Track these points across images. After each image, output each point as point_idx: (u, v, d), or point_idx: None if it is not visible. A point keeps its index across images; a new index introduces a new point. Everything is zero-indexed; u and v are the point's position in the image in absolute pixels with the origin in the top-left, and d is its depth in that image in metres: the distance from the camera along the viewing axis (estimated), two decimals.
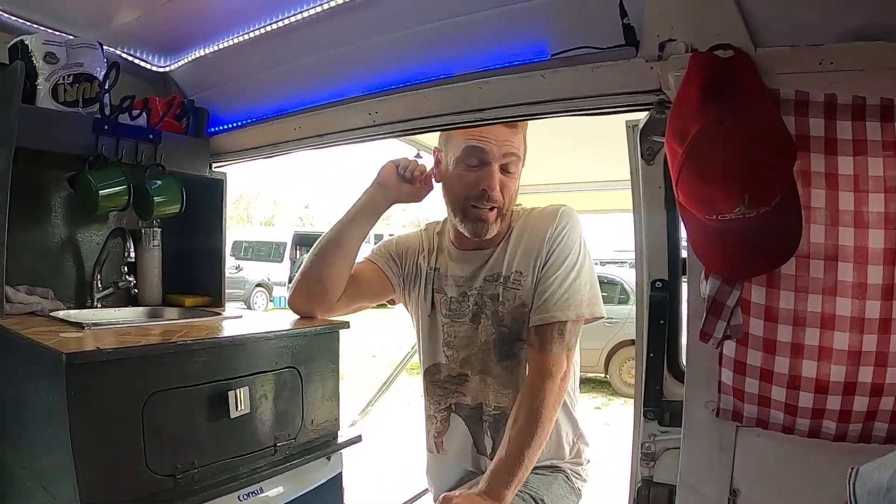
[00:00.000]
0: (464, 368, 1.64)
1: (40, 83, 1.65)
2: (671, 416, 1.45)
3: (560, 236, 1.55)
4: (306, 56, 1.75)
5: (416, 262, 1.74)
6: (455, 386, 1.66)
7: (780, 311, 1.12)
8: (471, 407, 1.65)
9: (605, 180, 3.20)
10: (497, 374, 1.60)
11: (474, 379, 1.63)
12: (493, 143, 1.51)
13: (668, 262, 1.44)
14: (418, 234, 1.79)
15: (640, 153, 1.40)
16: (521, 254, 1.58)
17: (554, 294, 1.52)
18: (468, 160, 1.53)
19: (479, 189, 1.52)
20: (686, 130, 1.02)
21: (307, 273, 1.66)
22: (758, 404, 1.17)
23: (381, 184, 1.67)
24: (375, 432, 4.20)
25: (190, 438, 1.33)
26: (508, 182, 1.55)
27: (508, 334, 1.58)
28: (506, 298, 1.58)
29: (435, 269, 1.70)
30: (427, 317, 1.70)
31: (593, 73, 1.28)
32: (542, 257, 1.55)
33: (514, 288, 1.57)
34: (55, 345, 1.21)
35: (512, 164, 1.55)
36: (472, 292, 1.63)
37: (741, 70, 1.09)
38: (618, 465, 1.99)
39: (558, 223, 1.56)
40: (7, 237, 1.58)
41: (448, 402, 1.68)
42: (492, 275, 1.61)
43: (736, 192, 0.99)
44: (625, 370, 7.85)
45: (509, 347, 1.59)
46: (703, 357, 1.21)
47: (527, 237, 1.59)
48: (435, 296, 1.69)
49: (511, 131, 1.52)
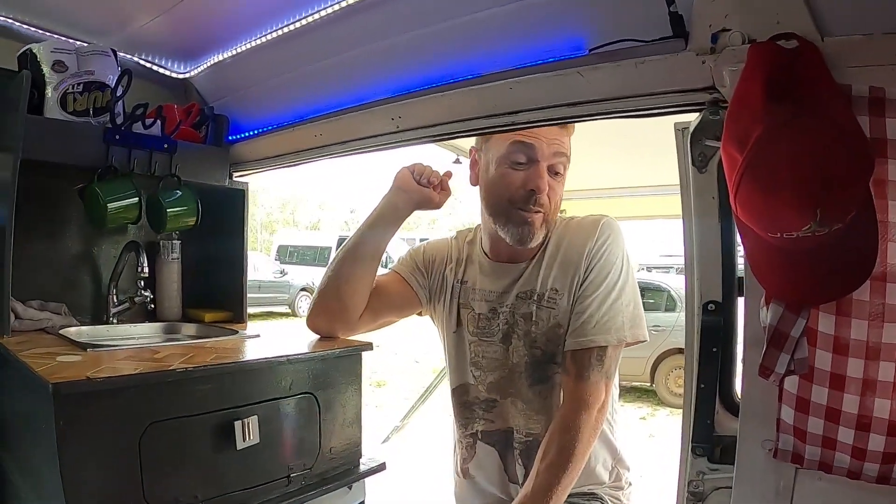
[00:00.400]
0: (492, 393, 1.52)
1: (48, 92, 1.59)
2: (722, 451, 1.30)
3: (601, 251, 1.42)
4: (325, 58, 1.65)
5: (442, 273, 1.61)
6: (482, 411, 1.55)
7: (852, 342, 0.97)
8: (500, 432, 1.53)
9: (651, 185, 3.07)
10: (529, 399, 1.48)
11: (504, 403, 1.51)
12: (543, 140, 1.39)
13: (723, 282, 1.28)
14: (448, 242, 1.66)
15: (690, 159, 1.24)
16: (558, 269, 1.45)
17: (593, 316, 1.39)
18: (514, 158, 1.41)
19: (525, 190, 1.40)
20: (746, 135, 0.89)
21: (324, 290, 1.56)
22: (821, 446, 1.03)
23: (400, 188, 1.57)
24: (409, 449, 4.09)
25: (193, 471, 1.24)
26: (556, 185, 1.43)
27: (542, 357, 1.45)
28: (539, 318, 1.45)
29: (462, 282, 1.57)
30: (453, 333, 1.58)
31: (637, 70, 1.15)
32: (580, 274, 1.42)
33: (549, 307, 1.44)
34: (45, 372, 1.13)
35: (560, 165, 1.43)
36: (503, 310, 1.49)
37: (808, 63, 0.94)
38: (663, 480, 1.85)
39: (599, 236, 1.43)
40: (18, 251, 1.53)
41: (474, 429, 1.56)
42: (525, 291, 1.48)
43: (806, 206, 0.85)
44: (671, 379, 7.70)
45: (542, 371, 1.46)
46: (760, 391, 1.08)
47: (564, 251, 1.46)
48: (461, 311, 1.57)
49: (561, 130, 1.41)
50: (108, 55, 1.71)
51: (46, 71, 1.59)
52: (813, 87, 0.93)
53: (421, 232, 23.72)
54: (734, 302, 1.30)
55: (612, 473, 1.55)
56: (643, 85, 1.17)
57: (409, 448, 4.07)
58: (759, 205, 0.90)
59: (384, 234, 1.56)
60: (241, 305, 2.03)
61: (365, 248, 1.54)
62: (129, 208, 1.69)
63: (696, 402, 1.31)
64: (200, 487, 1.24)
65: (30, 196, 1.67)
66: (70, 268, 1.85)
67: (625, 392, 8.20)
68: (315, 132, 1.74)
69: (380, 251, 1.56)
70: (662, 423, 6.96)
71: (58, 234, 1.83)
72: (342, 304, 1.54)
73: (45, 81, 1.59)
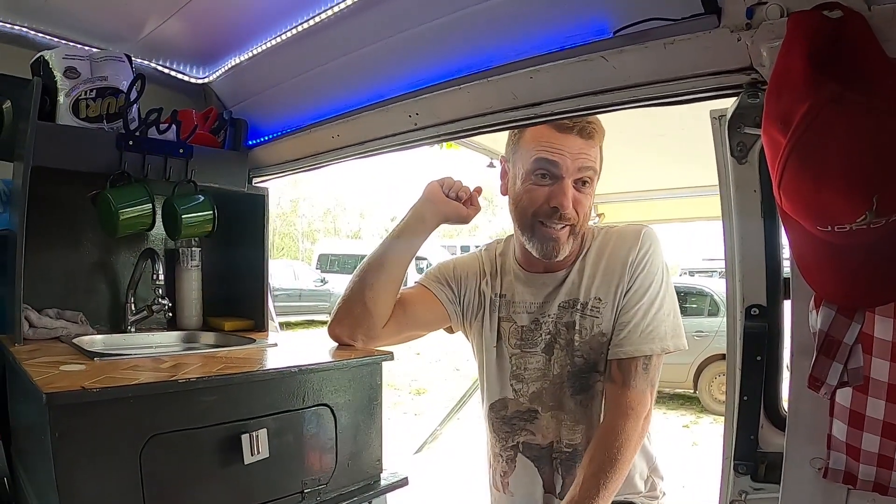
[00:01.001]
0: (534, 404, 1.51)
1: (60, 99, 1.57)
2: (767, 469, 1.20)
3: (643, 261, 1.44)
4: (341, 56, 1.60)
5: (478, 289, 1.59)
6: (523, 423, 1.53)
7: None
8: (540, 447, 1.52)
9: (692, 186, 2.97)
10: (570, 409, 1.48)
11: (545, 416, 1.50)
12: (567, 156, 1.38)
13: (767, 284, 1.18)
14: (477, 257, 1.64)
15: (729, 150, 1.15)
16: (601, 279, 1.46)
17: (638, 325, 1.41)
18: (538, 173, 1.41)
19: (549, 206, 1.40)
20: (790, 113, 0.79)
21: (348, 296, 1.53)
22: (877, 465, 0.95)
23: (429, 200, 1.56)
24: (443, 460, 4.00)
25: (198, 486, 1.20)
26: (583, 198, 1.43)
27: (584, 365, 1.46)
28: (583, 327, 1.46)
29: (501, 296, 1.56)
30: (493, 348, 1.57)
31: (666, 51, 1.05)
32: (623, 284, 1.44)
33: (593, 316, 1.45)
34: (43, 381, 1.09)
35: (588, 178, 1.42)
36: (546, 320, 1.50)
37: (854, 35, 0.85)
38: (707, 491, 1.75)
39: (641, 246, 1.44)
40: (34, 258, 1.53)
41: (515, 441, 1.55)
42: (567, 301, 1.48)
43: (860, 194, 0.76)
44: (715, 386, 7.66)
45: (584, 380, 1.47)
46: (809, 404, 1.00)
47: (606, 261, 1.47)
48: (501, 325, 1.55)
49: (587, 143, 1.40)
50: (122, 61, 1.68)
51: (58, 77, 1.58)
52: (861, 61, 0.83)
53: (462, 239, 23.84)
54: (780, 305, 1.20)
55: (648, 483, 1.55)
56: (674, 68, 1.08)
57: (443, 459, 3.99)
58: (807, 194, 0.80)
59: (410, 245, 1.55)
60: (262, 313, 1.99)
61: (391, 258, 1.53)
62: (143, 215, 1.66)
63: (738, 416, 1.22)
64: (206, 503, 1.20)
65: (45, 203, 1.67)
66: (88, 276, 1.84)
67: (668, 399, 8.10)
68: (333, 133, 1.70)
69: (406, 261, 1.55)
70: (706, 431, 6.89)
71: (75, 241, 1.82)
72: (366, 310, 1.51)
73: (58, 88, 1.58)
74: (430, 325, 1.62)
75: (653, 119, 2.14)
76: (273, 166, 1.95)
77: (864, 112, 0.76)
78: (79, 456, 1.05)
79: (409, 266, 1.56)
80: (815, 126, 0.76)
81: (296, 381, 1.34)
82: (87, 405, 1.05)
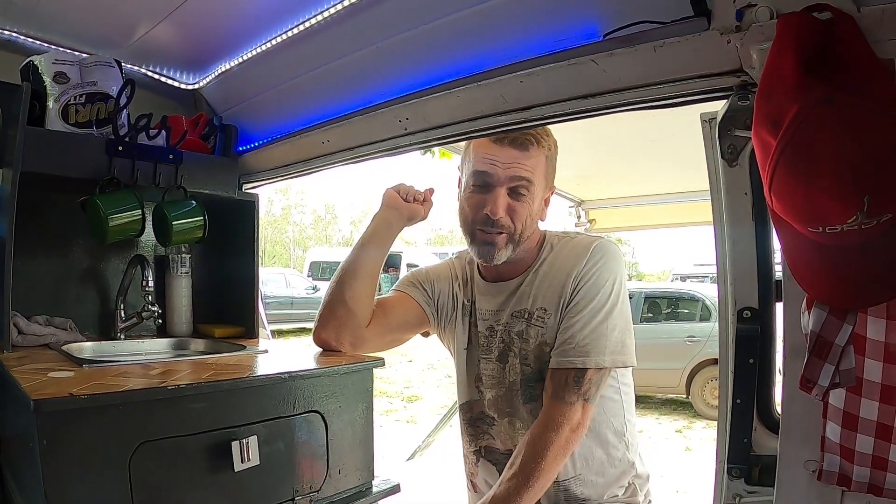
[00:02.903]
0: (491, 410, 1.55)
1: (50, 104, 1.56)
2: (761, 472, 1.20)
3: (589, 274, 1.44)
4: (330, 61, 1.60)
5: (451, 293, 1.63)
6: (485, 427, 1.57)
7: None
8: (500, 452, 1.55)
9: (682, 191, 2.97)
10: (523, 417, 1.50)
11: (502, 422, 1.54)
12: (499, 166, 1.43)
13: (759, 287, 1.18)
14: (450, 264, 1.69)
15: (719, 152, 1.15)
16: (547, 289, 1.48)
17: (574, 337, 1.41)
18: (475, 184, 1.46)
19: (483, 213, 1.45)
20: (780, 114, 0.79)
21: (329, 301, 1.57)
22: (871, 466, 0.94)
23: (390, 206, 1.63)
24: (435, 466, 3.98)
25: (188, 493, 1.17)
26: (518, 207, 1.45)
27: (532, 374, 1.48)
28: (529, 336, 1.48)
29: (471, 301, 1.60)
30: (464, 350, 1.60)
31: (656, 54, 1.05)
32: (566, 295, 1.44)
33: (538, 325, 1.47)
34: (31, 388, 1.07)
35: (522, 187, 1.44)
36: (499, 328, 1.53)
37: (844, 36, 0.85)
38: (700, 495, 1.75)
39: (589, 259, 1.45)
40: (23, 265, 1.52)
41: (478, 445, 1.60)
42: (518, 310, 1.51)
43: (852, 194, 0.75)
44: (707, 391, 7.73)
45: (533, 389, 1.48)
46: (802, 406, 0.99)
47: (554, 272, 1.49)
48: (471, 329, 1.58)
49: (521, 153, 1.43)
50: (112, 66, 1.68)
51: (48, 82, 1.57)
52: (851, 62, 0.83)
53: (455, 247, 23.80)
54: (772, 308, 1.19)
55: (628, 489, 1.55)
56: (664, 71, 1.08)
57: (435, 466, 3.97)
58: (798, 195, 0.80)
59: (379, 250, 1.61)
60: (252, 320, 1.98)
61: (361, 263, 1.58)
62: (132, 221, 1.64)
63: (731, 419, 1.21)
64: None
65: (35, 209, 1.66)
66: (77, 282, 1.82)
67: (660, 405, 8.12)
68: (322, 139, 1.70)
69: (378, 264, 1.60)
70: (699, 436, 6.93)
71: (65, 247, 1.80)
72: (349, 310, 1.53)
73: (47, 93, 1.57)
74: (411, 328, 1.64)
75: (643, 124, 2.15)
76: (263, 172, 1.95)
77: (855, 113, 0.76)
78: (67, 463, 1.03)
79: (381, 268, 1.60)
80: (805, 127, 0.76)
81: (286, 388, 1.32)
82: (76, 412, 1.03)
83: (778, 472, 1.03)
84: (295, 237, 32.61)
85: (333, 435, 1.40)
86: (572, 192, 3.31)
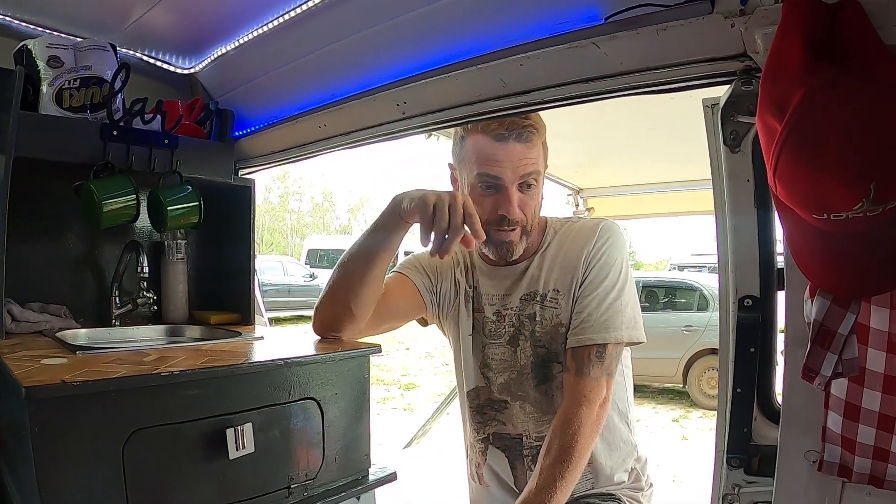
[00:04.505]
0: (503, 394, 1.54)
1: (43, 88, 1.54)
2: (761, 462, 1.19)
3: (600, 253, 1.46)
4: (328, 44, 1.58)
5: (453, 279, 1.60)
6: (494, 413, 1.55)
7: None
8: (511, 437, 1.54)
9: (681, 180, 2.96)
10: (536, 399, 1.50)
11: (514, 406, 1.52)
12: (508, 166, 1.39)
13: (760, 275, 1.17)
14: None
15: (721, 138, 1.13)
16: (559, 271, 1.49)
17: (591, 315, 1.43)
18: (482, 185, 1.42)
19: (497, 214, 1.42)
20: (786, 98, 0.77)
21: (334, 287, 1.48)
22: (872, 457, 0.94)
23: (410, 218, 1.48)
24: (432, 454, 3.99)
25: (182, 481, 1.16)
26: (528, 199, 1.44)
27: (546, 355, 1.49)
28: (543, 318, 1.48)
29: (474, 287, 1.58)
30: (468, 336, 1.57)
31: (658, 38, 1.04)
32: (579, 276, 1.46)
33: (552, 307, 1.48)
34: (22, 375, 1.06)
35: (532, 180, 1.43)
36: (508, 312, 1.53)
37: (849, 20, 0.83)
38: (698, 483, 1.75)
39: (598, 239, 1.47)
40: (16, 251, 1.49)
41: (486, 433, 1.57)
42: (528, 293, 1.51)
43: (857, 180, 0.74)
44: (704, 380, 7.79)
45: (547, 369, 1.49)
46: (804, 396, 0.99)
47: (563, 254, 1.50)
48: (475, 315, 1.56)
49: (526, 147, 1.39)
50: (107, 50, 1.65)
51: (41, 67, 1.55)
52: (857, 47, 0.82)
53: None
54: (774, 296, 1.18)
55: (632, 474, 1.56)
56: (666, 55, 1.07)
57: (432, 454, 3.98)
58: (803, 181, 0.79)
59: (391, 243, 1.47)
60: (249, 307, 1.97)
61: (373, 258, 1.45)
62: (127, 206, 1.62)
63: (731, 409, 1.21)
64: (190, 499, 1.17)
65: (28, 195, 1.64)
66: (72, 269, 1.81)
67: (657, 394, 8.16)
68: (319, 123, 1.68)
69: (389, 256, 1.48)
70: (695, 426, 6.97)
71: (59, 233, 1.78)
72: (349, 310, 1.46)
73: (41, 77, 1.55)
74: (408, 315, 1.61)
75: (643, 112, 2.13)
76: (260, 157, 1.93)
77: (862, 98, 0.75)
78: (59, 451, 1.02)
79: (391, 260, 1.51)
80: (811, 111, 0.74)
81: (282, 375, 1.31)
82: (68, 399, 1.02)
83: (778, 463, 1.04)
84: (293, 225, 32.62)
85: (329, 422, 1.39)
86: (571, 180, 3.31)
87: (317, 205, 34.10)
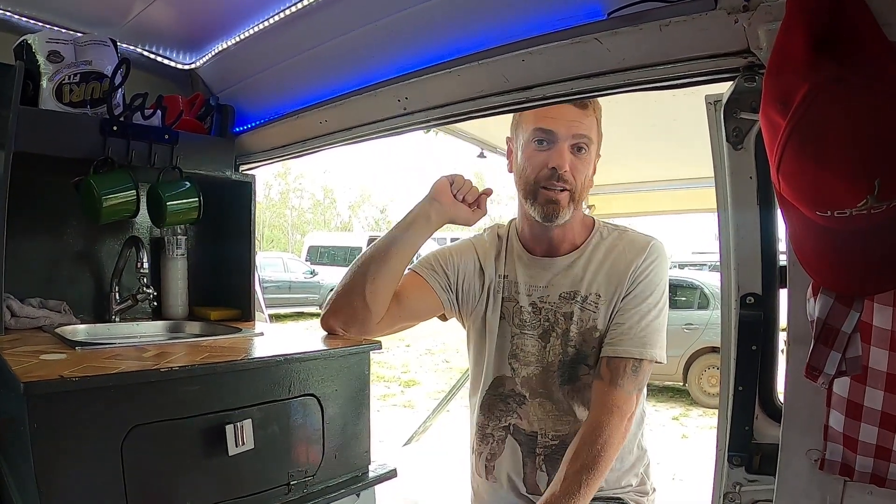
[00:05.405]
0: (523, 388, 1.53)
1: (43, 83, 1.54)
2: (762, 461, 1.19)
3: (648, 270, 1.48)
4: (329, 39, 1.57)
5: (477, 271, 1.59)
6: (515, 405, 1.55)
7: None
8: (526, 433, 1.53)
9: (683, 178, 2.95)
10: (557, 399, 1.50)
11: (532, 402, 1.52)
12: (561, 123, 1.43)
13: (763, 273, 1.16)
14: (473, 242, 1.63)
15: (724, 135, 1.13)
16: (605, 277, 1.50)
17: (632, 328, 1.45)
18: (536, 140, 1.46)
19: (548, 168, 1.44)
20: (789, 94, 0.76)
21: (346, 291, 1.50)
22: (874, 456, 0.94)
23: (436, 199, 1.54)
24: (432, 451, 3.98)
25: (181, 477, 1.17)
26: (579, 164, 1.46)
27: (575, 356, 1.49)
28: (581, 319, 1.49)
29: (504, 276, 1.57)
30: (496, 327, 1.57)
31: (662, 34, 1.03)
32: (623, 287, 1.48)
33: (591, 310, 1.49)
34: (21, 370, 1.06)
35: (583, 144, 1.46)
36: (545, 306, 1.52)
37: (853, 17, 0.82)
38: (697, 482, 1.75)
39: (648, 256, 1.49)
40: (16, 246, 1.51)
41: (507, 422, 1.56)
42: (569, 292, 1.51)
43: (862, 177, 0.73)
44: (704, 378, 7.74)
45: (573, 371, 1.50)
46: (806, 394, 0.98)
47: (612, 261, 1.51)
48: (504, 305, 1.56)
49: (581, 112, 1.44)
50: (107, 45, 1.65)
51: (41, 61, 1.55)
52: (861, 44, 0.81)
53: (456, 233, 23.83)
54: (776, 294, 1.18)
55: (639, 478, 1.57)
56: (669, 51, 1.06)
57: (432, 451, 3.97)
58: (807, 177, 0.78)
59: (415, 242, 1.52)
60: (249, 303, 1.97)
61: (393, 253, 1.49)
62: (127, 202, 1.62)
63: (732, 407, 1.20)
64: (190, 495, 1.17)
65: (28, 190, 1.64)
66: (71, 264, 1.81)
67: (657, 392, 8.16)
68: (320, 119, 1.67)
69: (408, 258, 1.52)
70: (696, 424, 6.95)
71: (59, 229, 1.78)
72: (365, 304, 1.47)
73: (41, 72, 1.55)
74: (423, 315, 1.60)
75: (645, 108, 2.13)
76: (260, 153, 1.92)
77: (866, 94, 0.73)
78: (58, 447, 1.02)
79: (409, 263, 1.54)
80: (815, 107, 0.73)
81: (281, 371, 1.31)
82: (67, 395, 1.02)
83: (779, 461, 1.03)
84: (293, 221, 32.61)
85: (329, 419, 1.39)
86: None
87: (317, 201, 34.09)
